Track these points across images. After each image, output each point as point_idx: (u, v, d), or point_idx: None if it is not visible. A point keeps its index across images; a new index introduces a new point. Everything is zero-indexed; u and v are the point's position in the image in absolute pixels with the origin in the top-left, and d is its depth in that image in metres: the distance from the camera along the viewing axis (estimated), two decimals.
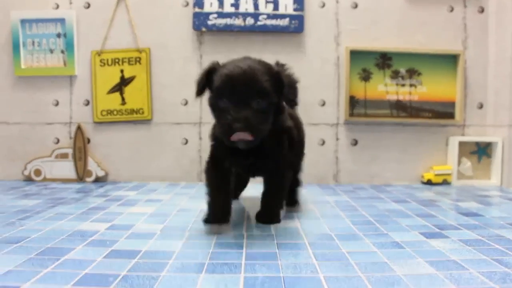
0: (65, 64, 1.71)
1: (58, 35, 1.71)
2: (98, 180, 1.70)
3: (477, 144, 1.70)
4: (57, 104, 1.72)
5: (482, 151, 1.70)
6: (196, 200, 1.32)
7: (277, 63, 0.94)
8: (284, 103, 0.95)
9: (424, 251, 0.80)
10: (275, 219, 1.04)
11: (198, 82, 0.94)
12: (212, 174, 1.00)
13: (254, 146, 0.88)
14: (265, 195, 1.05)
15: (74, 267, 0.71)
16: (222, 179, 0.99)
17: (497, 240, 0.88)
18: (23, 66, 1.71)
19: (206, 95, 0.95)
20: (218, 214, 0.96)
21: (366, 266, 0.72)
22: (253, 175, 1.12)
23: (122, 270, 0.70)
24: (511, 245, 0.84)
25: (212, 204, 0.98)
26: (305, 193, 1.45)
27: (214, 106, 0.89)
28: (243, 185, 1.34)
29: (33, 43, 1.72)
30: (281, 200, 1.09)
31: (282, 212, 1.10)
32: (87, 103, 1.72)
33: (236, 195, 1.32)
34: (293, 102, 0.93)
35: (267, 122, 0.88)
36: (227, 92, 0.85)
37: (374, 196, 1.42)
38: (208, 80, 0.92)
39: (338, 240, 0.88)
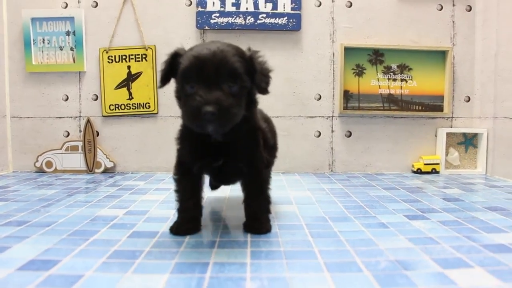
0: (74, 60, 1.81)
1: (67, 33, 1.80)
2: (106, 171, 1.81)
3: (464, 135, 1.81)
4: (66, 99, 1.82)
5: (468, 141, 1.81)
6: None
7: (249, 49, 0.85)
8: (255, 92, 0.87)
9: (406, 230, 0.92)
10: (265, 227, 0.92)
11: (162, 69, 0.85)
12: (180, 182, 0.93)
13: (226, 143, 0.84)
14: (247, 202, 0.94)
15: (103, 245, 0.82)
16: (191, 186, 0.92)
17: (471, 221, 1.00)
18: (34, 63, 1.80)
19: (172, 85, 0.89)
20: (186, 226, 0.91)
21: (354, 242, 0.83)
22: (227, 181, 1.02)
23: (145, 247, 0.81)
24: (482, 225, 0.96)
25: (180, 215, 0.92)
26: (301, 181, 1.57)
27: (180, 93, 0.81)
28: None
29: (43, 40, 1.81)
30: (267, 203, 0.95)
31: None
32: (96, 98, 1.82)
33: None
34: (265, 91, 0.84)
35: (240, 107, 0.79)
36: (194, 75, 0.76)
37: (366, 184, 1.53)
38: (172, 67, 0.84)
39: (331, 222, 0.99)
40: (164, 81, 0.85)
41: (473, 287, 0.62)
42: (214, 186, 1.25)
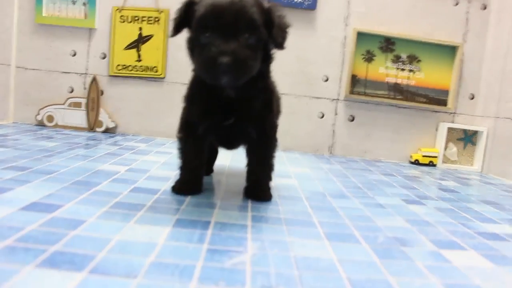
0: (85, 16, 1.79)
1: None
2: (107, 131, 1.81)
3: (465, 131, 1.83)
4: (74, 54, 1.81)
5: (468, 138, 1.83)
6: None
7: (268, 1, 0.81)
8: (271, 47, 0.84)
9: (403, 212, 0.94)
10: (267, 195, 0.93)
11: (175, 17, 0.82)
12: (185, 142, 0.91)
13: (238, 100, 0.82)
14: (251, 168, 0.93)
15: (105, 196, 0.83)
16: (196, 146, 0.91)
17: (466, 210, 1.02)
18: (44, 14, 1.78)
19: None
20: (188, 185, 0.91)
21: (352, 217, 0.85)
22: (232, 144, 0.98)
23: (146, 202, 0.82)
24: (476, 215, 0.98)
25: (183, 174, 0.92)
26: (301, 159, 1.58)
27: (195, 42, 0.78)
28: (213, 157, 1.19)
29: None
30: (270, 171, 0.94)
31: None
32: (104, 56, 1.81)
33: (208, 171, 1.15)
34: (281, 46, 0.81)
35: (256, 59, 0.77)
36: (211, 24, 0.73)
37: (364, 168, 1.55)
38: (186, 16, 0.80)
39: (330, 197, 1.01)
40: (177, 30, 0.82)
41: (467, 267, 0.64)
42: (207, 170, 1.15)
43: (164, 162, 1.27)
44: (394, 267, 0.61)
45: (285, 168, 1.37)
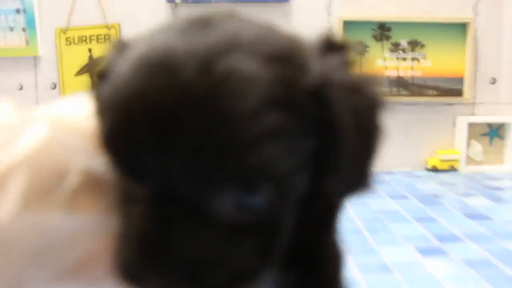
0: (27, 43, 1.55)
1: (18, 11, 1.54)
2: None
3: (489, 125, 1.52)
4: (21, 88, 1.58)
5: (494, 132, 1.52)
6: None
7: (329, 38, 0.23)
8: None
9: (416, 278, 0.65)
10: None
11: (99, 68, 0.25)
12: None
13: None
14: None
15: None
16: None
17: (507, 257, 0.72)
18: None
19: None
20: None
21: None
22: None
23: None
24: None
25: None
26: None
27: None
28: None
29: None
30: None
31: None
32: (54, 86, 1.57)
33: None
34: (361, 187, 0.23)
35: (268, 257, 0.23)
36: (129, 157, 0.20)
37: None
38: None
39: None
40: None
41: None
42: None
43: None
44: None
45: None
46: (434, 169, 1.49)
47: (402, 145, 1.52)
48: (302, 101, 0.20)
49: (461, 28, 1.48)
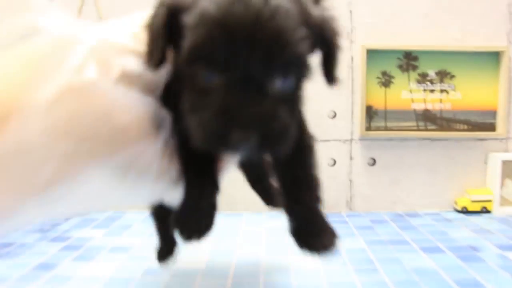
0: None
1: None
2: None
3: None
4: None
5: None
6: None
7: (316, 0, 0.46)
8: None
9: None
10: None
11: (151, 37, 0.43)
12: None
13: None
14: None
15: None
16: None
17: None
18: None
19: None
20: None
21: None
22: None
23: None
24: None
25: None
26: None
27: (186, 79, 0.42)
28: None
29: None
30: None
31: None
32: None
33: None
34: (334, 79, 0.47)
35: (295, 117, 0.44)
36: (218, 56, 0.38)
37: (396, 237, 1.14)
38: (170, 31, 0.42)
39: None
40: (160, 59, 0.43)
41: None
42: None
43: (111, 277, 0.88)
44: None
45: (282, 261, 0.97)
46: (464, 211, 1.36)
47: (429, 184, 1.40)
48: (313, 26, 0.41)
49: (494, 57, 1.36)
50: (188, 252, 1.03)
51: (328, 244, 0.52)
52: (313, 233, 0.53)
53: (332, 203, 1.41)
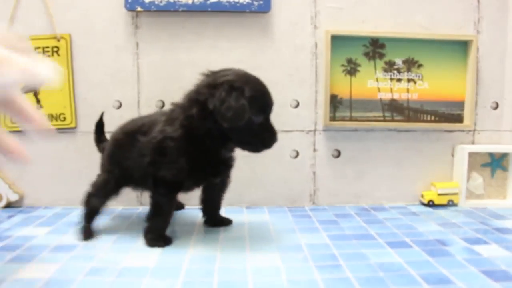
0: None
1: None
2: (10, 205, 1.33)
3: (491, 155, 1.36)
4: None
5: (496, 163, 1.36)
6: (140, 251, 0.96)
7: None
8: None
9: None
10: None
11: (241, 109, 0.87)
12: (170, 203, 0.99)
13: (229, 158, 1.02)
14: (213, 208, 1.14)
15: None
16: (174, 204, 1.04)
17: None
18: None
19: None
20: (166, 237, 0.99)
21: None
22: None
23: None
24: None
25: (161, 229, 0.99)
26: (269, 226, 1.10)
27: (249, 123, 0.89)
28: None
29: None
30: None
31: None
32: None
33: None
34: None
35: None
36: (265, 108, 0.92)
37: (361, 231, 1.08)
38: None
39: None
40: (243, 122, 0.89)
41: None
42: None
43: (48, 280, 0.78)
44: None
45: (239, 258, 0.88)
46: (431, 204, 1.32)
47: (395, 176, 1.35)
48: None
49: (462, 46, 1.33)
50: (136, 250, 0.94)
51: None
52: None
53: (295, 197, 1.34)
